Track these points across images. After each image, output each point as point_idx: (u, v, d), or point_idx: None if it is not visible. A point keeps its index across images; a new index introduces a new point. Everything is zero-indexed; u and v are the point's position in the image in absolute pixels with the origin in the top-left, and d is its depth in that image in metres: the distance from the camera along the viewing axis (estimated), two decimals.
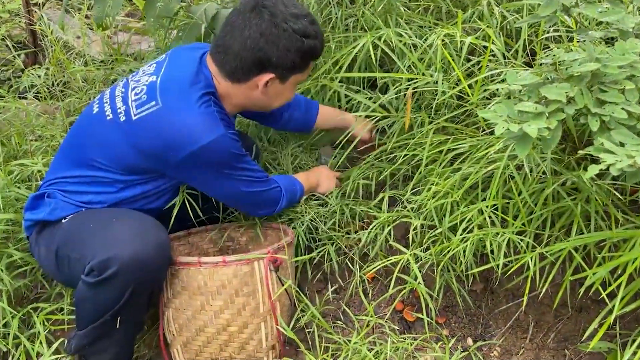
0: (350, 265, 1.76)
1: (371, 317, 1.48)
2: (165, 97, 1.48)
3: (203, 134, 1.44)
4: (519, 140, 1.05)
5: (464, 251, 1.47)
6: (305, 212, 1.75)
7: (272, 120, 1.92)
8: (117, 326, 1.44)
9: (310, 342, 1.63)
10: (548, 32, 1.60)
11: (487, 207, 1.50)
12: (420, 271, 1.59)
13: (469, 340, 1.70)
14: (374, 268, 1.58)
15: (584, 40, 1.36)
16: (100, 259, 1.37)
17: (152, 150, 1.48)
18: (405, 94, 1.71)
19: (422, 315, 1.53)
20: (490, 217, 1.50)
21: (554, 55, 1.14)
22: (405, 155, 1.73)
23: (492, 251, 1.48)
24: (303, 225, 1.74)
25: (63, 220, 1.53)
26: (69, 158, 1.60)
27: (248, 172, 1.57)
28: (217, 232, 1.83)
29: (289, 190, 1.71)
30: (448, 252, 1.50)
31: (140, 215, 1.51)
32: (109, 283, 1.37)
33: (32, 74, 2.63)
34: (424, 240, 1.59)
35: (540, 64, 1.25)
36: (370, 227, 1.65)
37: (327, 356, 1.48)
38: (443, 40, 1.71)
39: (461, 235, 1.49)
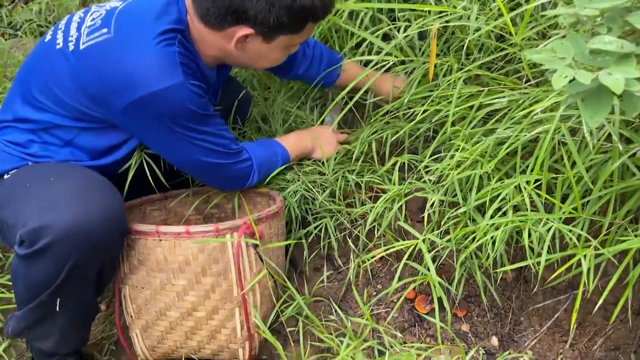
0: (352, 246, 1.39)
1: (367, 320, 1.11)
2: (120, 25, 1.12)
3: (154, 79, 1.06)
4: (589, 98, 0.63)
5: (494, 241, 1.07)
6: (298, 179, 1.36)
7: (281, 73, 1.52)
8: (57, 308, 1.12)
9: (294, 337, 1.28)
10: None
11: (527, 183, 1.09)
12: (436, 258, 1.21)
13: (494, 340, 1.32)
14: (376, 255, 1.21)
15: None
16: (31, 227, 1.03)
17: (95, 90, 1.12)
18: (429, 31, 1.27)
19: (436, 314, 1.15)
20: (530, 196, 1.08)
21: None
22: (426, 111, 1.31)
23: (530, 240, 1.07)
24: (296, 194, 1.37)
25: (5, 176, 1.20)
26: (15, 97, 1.25)
27: (210, 137, 1.19)
28: (195, 195, 1.48)
29: (263, 165, 1.33)
30: (473, 240, 1.10)
31: (85, 172, 1.16)
32: (42, 257, 1.04)
33: (23, 7, 2.29)
34: (443, 221, 1.19)
35: None
36: (378, 202, 1.26)
37: None
38: None
39: (491, 219, 1.09)
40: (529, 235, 1.03)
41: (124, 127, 1.17)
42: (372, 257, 1.27)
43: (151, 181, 1.26)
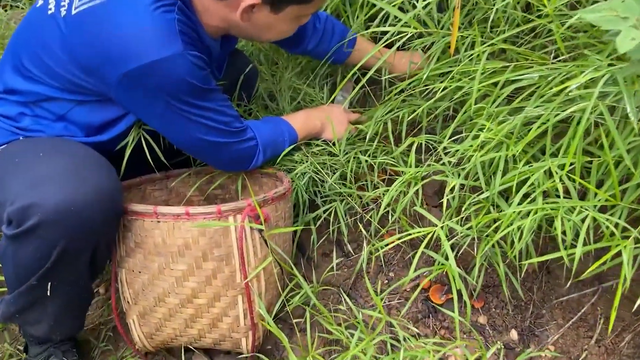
0: (364, 231, 1.29)
1: (379, 313, 1.02)
2: None
3: (151, 48, 0.95)
4: None
5: (521, 230, 0.96)
6: (307, 160, 1.26)
7: (289, 47, 1.41)
8: (48, 293, 1.03)
9: (300, 327, 1.20)
10: None
11: (558, 167, 0.98)
12: (454, 246, 1.11)
13: (514, 334, 1.23)
14: (391, 242, 1.10)
15: None
16: (19, 205, 0.94)
17: (86, 60, 1.01)
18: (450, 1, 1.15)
19: (455, 308, 1.05)
20: (562, 181, 0.97)
21: None
22: (445, 88, 1.19)
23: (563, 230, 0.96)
24: (304, 176, 1.27)
25: None
26: (5, 67, 1.15)
27: (211, 113, 1.07)
28: (197, 175, 1.38)
29: (269, 145, 1.22)
30: (497, 229, 1.00)
31: (79, 148, 1.06)
32: (31, 237, 0.95)
33: None
34: (464, 207, 1.09)
35: None
36: (392, 185, 1.16)
37: (318, 354, 1.04)
38: None
39: (518, 206, 0.98)
40: (562, 223, 0.92)
41: (118, 101, 1.06)
42: (386, 245, 1.17)
43: (150, 160, 1.16)
